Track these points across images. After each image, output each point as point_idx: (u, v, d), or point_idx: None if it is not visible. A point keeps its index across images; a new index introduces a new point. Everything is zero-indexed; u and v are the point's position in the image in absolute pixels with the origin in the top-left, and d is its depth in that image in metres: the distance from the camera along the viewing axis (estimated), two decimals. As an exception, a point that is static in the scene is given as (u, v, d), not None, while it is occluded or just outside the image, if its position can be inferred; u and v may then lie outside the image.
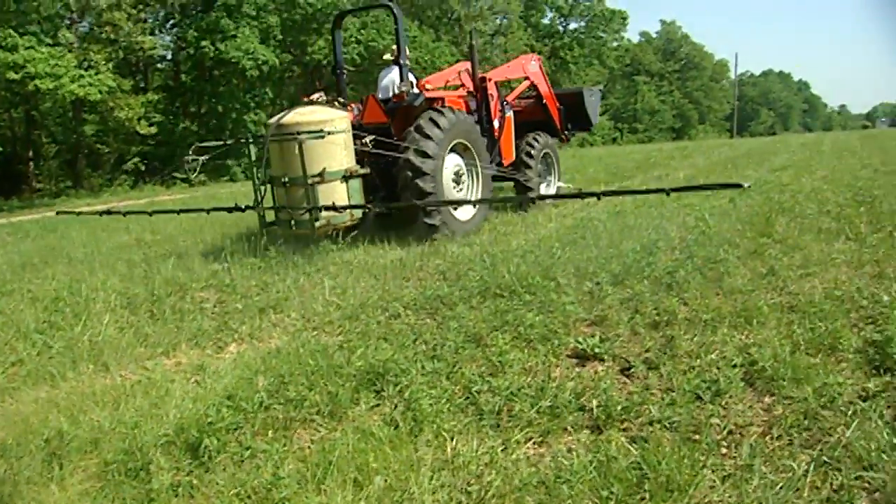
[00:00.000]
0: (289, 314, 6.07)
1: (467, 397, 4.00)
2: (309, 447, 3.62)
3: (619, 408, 3.68)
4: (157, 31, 35.46)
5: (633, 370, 4.22)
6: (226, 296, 6.79)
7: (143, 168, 32.61)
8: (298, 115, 8.64)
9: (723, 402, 3.71)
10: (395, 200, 9.00)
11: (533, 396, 3.89)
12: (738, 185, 6.24)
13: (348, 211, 8.53)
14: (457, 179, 9.70)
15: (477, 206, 9.76)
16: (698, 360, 4.20)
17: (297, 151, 8.29)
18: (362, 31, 37.06)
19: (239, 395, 4.11)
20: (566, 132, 13.08)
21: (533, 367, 4.34)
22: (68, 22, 30.15)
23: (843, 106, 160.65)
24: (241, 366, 4.77)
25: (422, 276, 6.96)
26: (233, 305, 6.40)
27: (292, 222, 8.63)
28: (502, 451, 3.41)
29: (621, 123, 68.86)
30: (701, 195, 10.17)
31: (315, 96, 9.84)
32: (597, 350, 4.47)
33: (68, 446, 3.68)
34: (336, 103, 9.52)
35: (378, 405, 4.04)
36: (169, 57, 37.29)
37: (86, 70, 27.03)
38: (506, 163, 11.12)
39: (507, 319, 5.12)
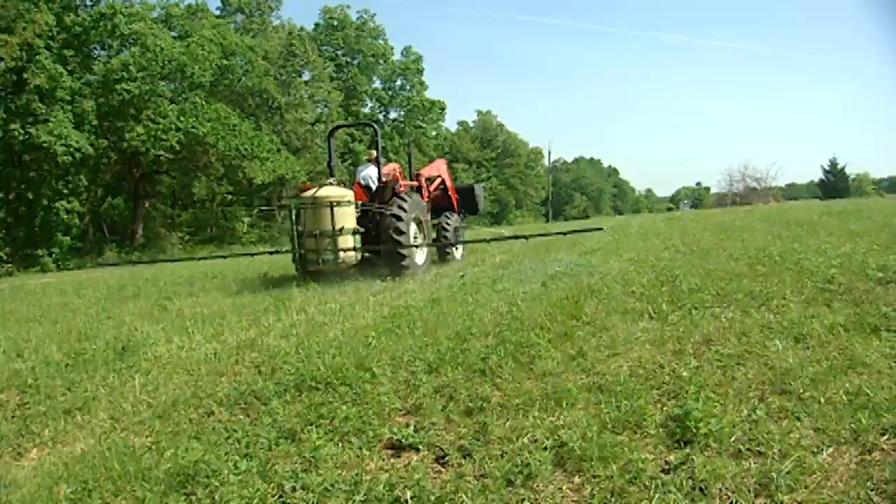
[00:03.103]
0: (97, 415, 5.73)
1: (280, 496, 3.89)
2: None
3: (432, 498, 3.68)
4: (-40, 112, 33.61)
5: (447, 458, 4.24)
6: (28, 397, 6.38)
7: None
8: (328, 191, 13.72)
9: (534, 486, 3.77)
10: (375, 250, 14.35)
11: (347, 491, 3.83)
12: (599, 229, 8.73)
13: (355, 253, 13.65)
14: (415, 237, 14.63)
15: (426, 256, 15.07)
16: (510, 445, 4.25)
17: (328, 214, 13.28)
18: (182, 117, 36.45)
19: (38, 506, 3.82)
20: (460, 215, 18.24)
21: (347, 460, 4.27)
22: None
23: (649, 190, 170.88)
24: (41, 473, 4.47)
25: (237, 370, 6.76)
26: (35, 408, 6.01)
27: (320, 260, 13.54)
28: (314, 551, 3.33)
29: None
30: (515, 280, 10.78)
31: (330, 181, 14.59)
32: (411, 440, 4.46)
33: None
34: (343, 185, 14.59)
35: (187, 510, 3.87)
36: (-26, 140, 35.28)
37: None
38: None
39: (321, 413, 5.04)
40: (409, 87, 66.62)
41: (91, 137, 34.55)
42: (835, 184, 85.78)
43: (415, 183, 16.11)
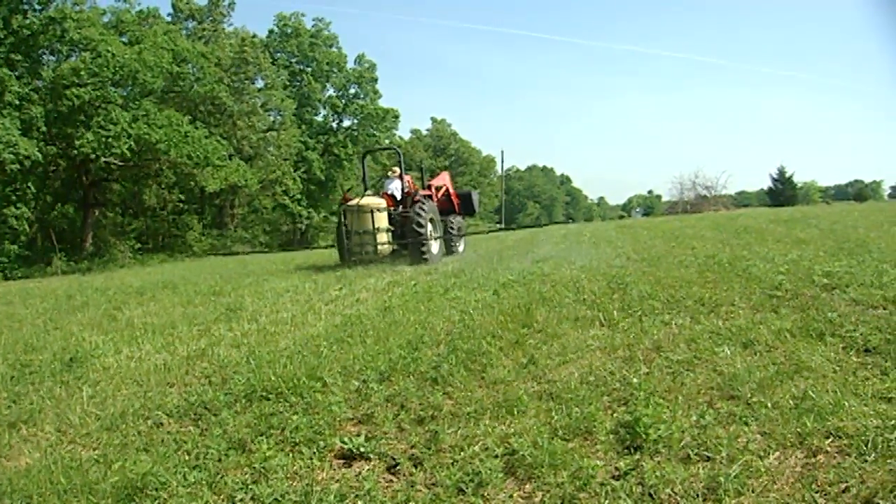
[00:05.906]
0: (42, 428, 5.58)
1: (230, 508, 3.85)
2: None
3: (383, 508, 3.67)
4: None
5: (398, 467, 4.23)
6: (-30, 412, 6.20)
7: None
8: (369, 200, 17.81)
9: (485, 493, 3.77)
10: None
11: (297, 502, 3.80)
12: (571, 220, 9.29)
13: (389, 246, 17.97)
14: (431, 233, 18.10)
15: (439, 248, 18.96)
16: (462, 453, 4.25)
17: (370, 217, 17.32)
18: (133, 124, 35.86)
19: (-22, 525, 3.75)
20: (461, 216, 22.23)
21: (298, 471, 4.24)
22: None
23: (601, 198, 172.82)
24: (-17, 489, 4.32)
25: (187, 380, 6.65)
26: (-22, 421, 5.85)
27: (363, 251, 17.72)
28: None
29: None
30: (467, 288, 10.93)
31: (368, 192, 19.20)
32: (362, 449, 4.44)
33: None
34: (378, 196, 18.64)
35: (134, 523, 3.81)
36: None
37: None
38: None
39: (272, 423, 5.00)
40: (363, 96, 66.18)
41: (40, 144, 33.73)
42: (783, 192, 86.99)
43: (428, 192, 19.86)
